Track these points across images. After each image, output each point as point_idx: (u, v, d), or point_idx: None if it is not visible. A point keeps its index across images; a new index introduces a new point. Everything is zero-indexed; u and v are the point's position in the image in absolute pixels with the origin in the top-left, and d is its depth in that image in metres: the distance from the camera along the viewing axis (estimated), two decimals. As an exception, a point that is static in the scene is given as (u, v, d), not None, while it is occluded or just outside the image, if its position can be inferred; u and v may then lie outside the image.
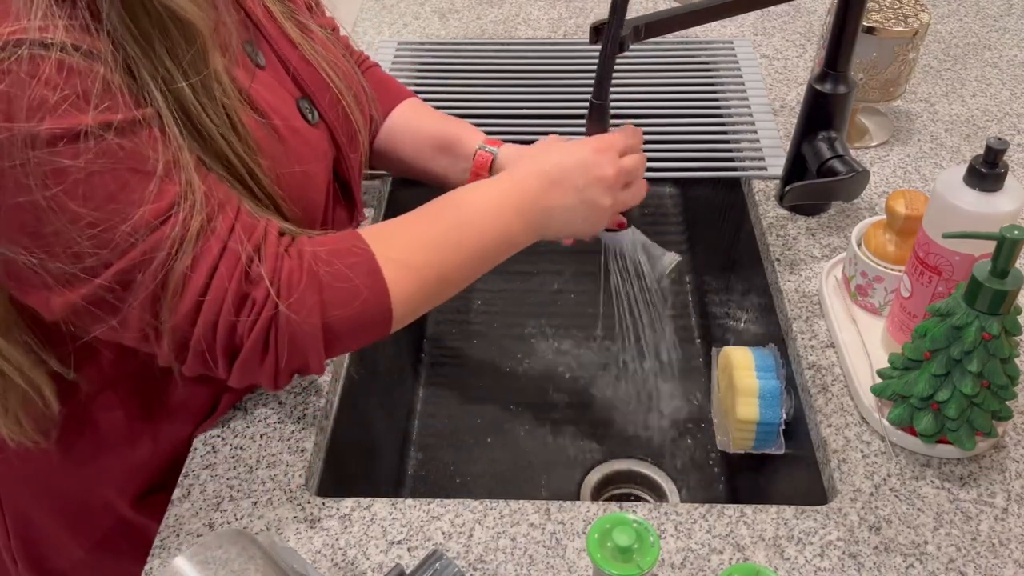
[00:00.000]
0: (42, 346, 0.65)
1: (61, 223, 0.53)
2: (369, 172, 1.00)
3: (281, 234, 0.64)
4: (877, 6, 0.99)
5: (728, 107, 1.15)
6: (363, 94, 0.83)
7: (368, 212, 1.00)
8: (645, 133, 1.09)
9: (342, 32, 0.91)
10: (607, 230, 0.83)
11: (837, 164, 0.88)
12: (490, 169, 0.84)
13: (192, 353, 0.60)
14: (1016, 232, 0.61)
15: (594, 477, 1.05)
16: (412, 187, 1.08)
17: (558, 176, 0.73)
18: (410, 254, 0.66)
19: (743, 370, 0.83)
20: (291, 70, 0.73)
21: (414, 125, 0.89)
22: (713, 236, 1.19)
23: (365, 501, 0.70)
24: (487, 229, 0.70)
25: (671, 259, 0.87)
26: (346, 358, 0.86)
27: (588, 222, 0.75)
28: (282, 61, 0.73)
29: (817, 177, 0.90)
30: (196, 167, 0.59)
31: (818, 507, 0.70)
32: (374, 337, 0.66)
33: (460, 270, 0.69)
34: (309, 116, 0.73)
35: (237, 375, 0.62)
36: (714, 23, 1.27)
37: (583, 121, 0.78)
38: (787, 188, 0.91)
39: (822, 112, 0.90)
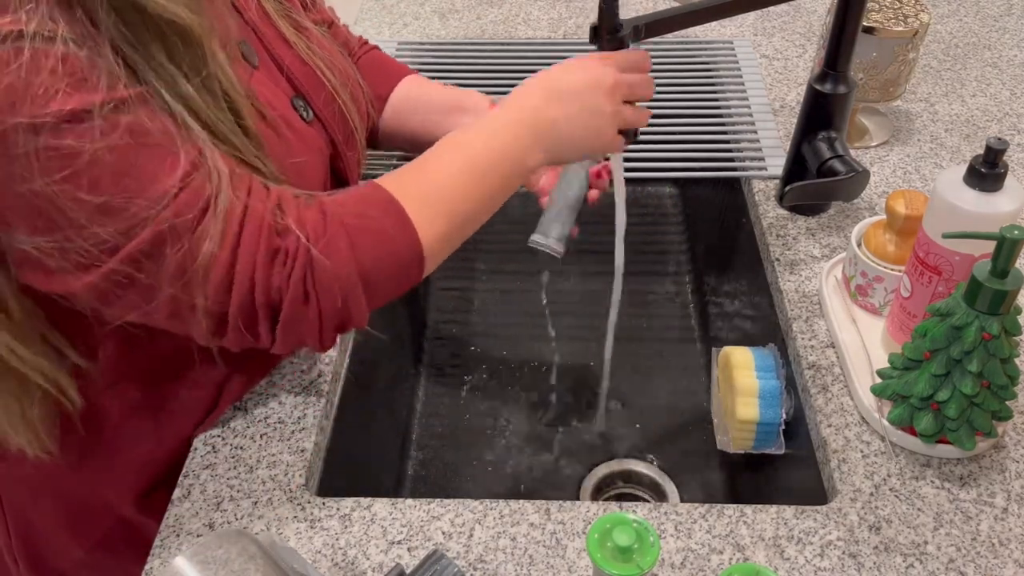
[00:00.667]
0: (64, 345, 0.65)
1: (76, 205, 0.53)
2: (371, 155, 1.00)
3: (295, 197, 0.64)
4: (877, 6, 0.99)
5: (728, 107, 1.14)
6: (360, 92, 0.82)
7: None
8: (645, 134, 1.10)
9: (340, 23, 0.91)
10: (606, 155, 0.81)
11: (837, 164, 0.88)
12: None
13: (231, 324, 0.60)
14: (1016, 232, 0.61)
15: (594, 477, 1.05)
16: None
17: (557, 86, 0.72)
18: (430, 190, 0.66)
19: (743, 370, 0.83)
20: (284, 69, 0.73)
21: (420, 97, 0.90)
22: (713, 236, 1.19)
23: (365, 501, 0.70)
24: (496, 147, 0.69)
25: (548, 242, 0.81)
26: (346, 358, 0.86)
27: (591, 130, 0.73)
28: (275, 60, 0.73)
29: (817, 177, 0.90)
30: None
31: (818, 507, 0.70)
32: (409, 280, 0.66)
33: (479, 199, 0.68)
34: (304, 114, 0.73)
35: (282, 336, 0.61)
36: (714, 23, 1.27)
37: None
38: (787, 188, 0.91)
39: (822, 112, 0.90)
